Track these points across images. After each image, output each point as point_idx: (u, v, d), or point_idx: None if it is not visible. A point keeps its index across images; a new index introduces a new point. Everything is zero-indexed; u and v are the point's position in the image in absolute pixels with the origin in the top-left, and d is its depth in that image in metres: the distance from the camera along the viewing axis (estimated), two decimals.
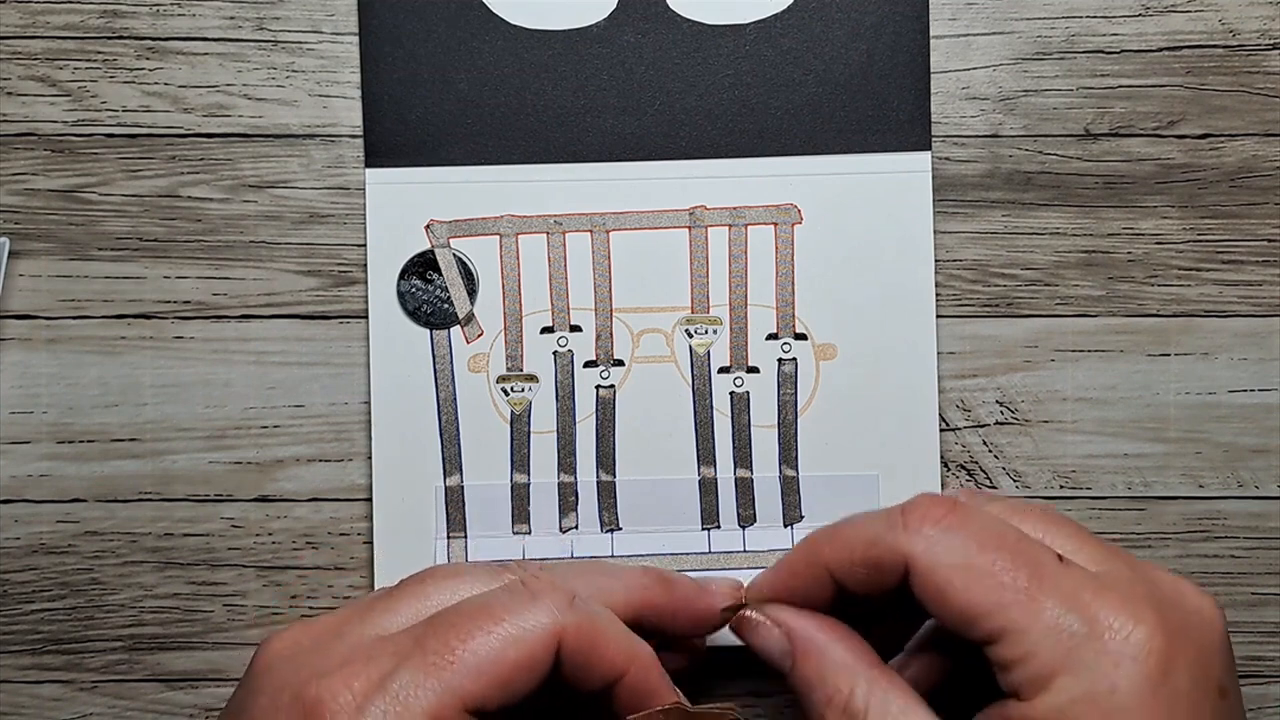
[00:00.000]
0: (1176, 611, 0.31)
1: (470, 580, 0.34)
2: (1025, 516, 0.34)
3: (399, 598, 0.34)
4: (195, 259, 0.42)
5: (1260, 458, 0.42)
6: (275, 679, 0.32)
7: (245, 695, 0.32)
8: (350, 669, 0.31)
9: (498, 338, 0.42)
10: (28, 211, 0.42)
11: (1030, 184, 0.42)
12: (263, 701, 0.32)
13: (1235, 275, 0.42)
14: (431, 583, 0.34)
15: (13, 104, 0.42)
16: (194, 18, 0.42)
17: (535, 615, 0.32)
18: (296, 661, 0.32)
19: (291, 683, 0.31)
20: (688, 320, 0.42)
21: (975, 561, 0.31)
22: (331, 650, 0.32)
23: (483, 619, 0.32)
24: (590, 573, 0.36)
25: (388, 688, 0.30)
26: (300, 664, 0.32)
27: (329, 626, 0.33)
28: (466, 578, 0.34)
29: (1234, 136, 0.42)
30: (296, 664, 0.32)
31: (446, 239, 0.42)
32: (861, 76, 0.42)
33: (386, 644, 0.32)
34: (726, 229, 0.42)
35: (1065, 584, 0.31)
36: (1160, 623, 0.30)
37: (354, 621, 0.33)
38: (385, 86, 0.42)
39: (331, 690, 0.31)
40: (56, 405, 0.42)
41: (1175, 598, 0.32)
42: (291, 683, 0.31)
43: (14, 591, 0.43)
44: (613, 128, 0.42)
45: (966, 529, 0.32)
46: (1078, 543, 0.33)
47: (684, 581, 0.37)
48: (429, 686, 0.31)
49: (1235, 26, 0.42)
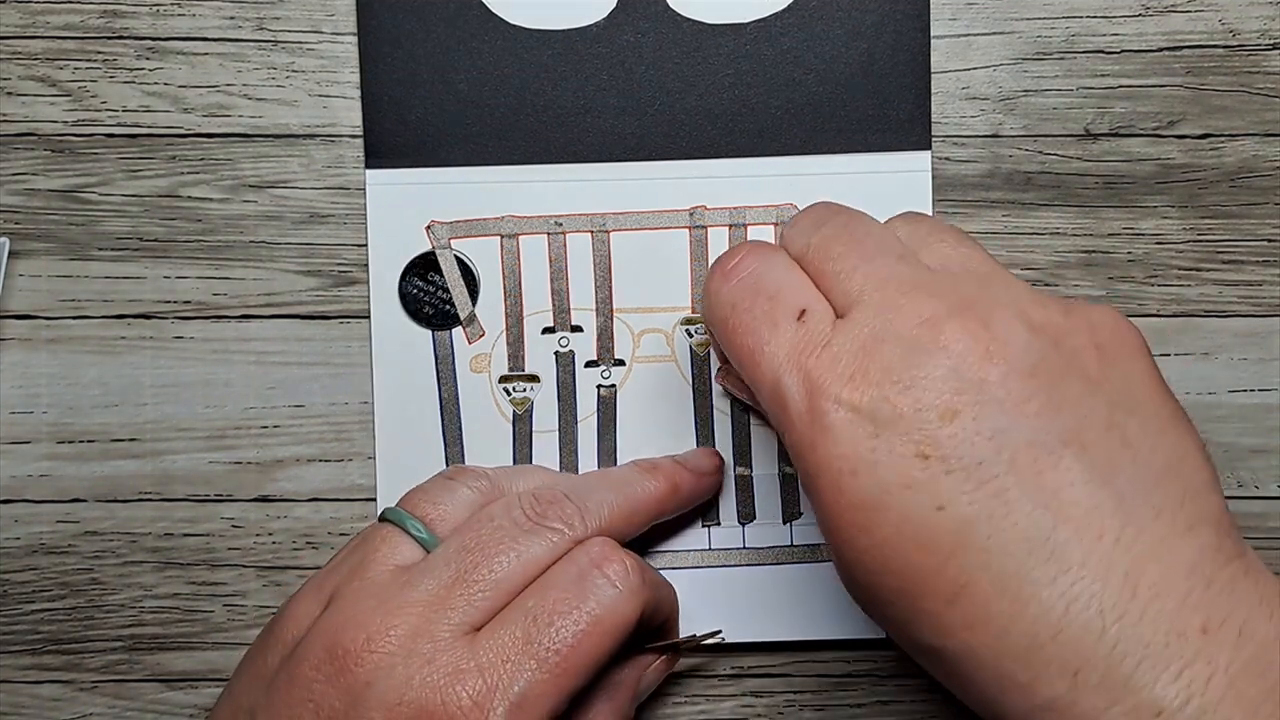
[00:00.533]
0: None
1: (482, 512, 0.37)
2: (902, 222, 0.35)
3: (444, 564, 0.35)
4: (195, 259, 0.42)
5: (1260, 458, 0.42)
6: (376, 686, 0.33)
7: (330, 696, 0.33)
8: (465, 681, 0.32)
9: (499, 338, 0.42)
10: (28, 211, 0.42)
11: (1030, 184, 0.42)
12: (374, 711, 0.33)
13: (1235, 275, 0.42)
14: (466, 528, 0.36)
15: (13, 104, 0.42)
16: (194, 18, 0.42)
17: (627, 610, 0.34)
18: (394, 667, 0.33)
19: (401, 692, 0.32)
20: (688, 320, 0.42)
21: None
22: (431, 656, 0.33)
23: (590, 625, 0.34)
24: (600, 489, 0.38)
25: (521, 701, 0.32)
26: (408, 670, 0.33)
27: (406, 619, 0.34)
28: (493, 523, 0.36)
29: (1234, 136, 0.42)
30: (396, 669, 0.33)
31: (447, 240, 0.42)
32: (861, 76, 0.42)
33: (489, 646, 0.33)
34: (727, 229, 0.42)
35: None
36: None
37: (429, 613, 0.34)
38: (385, 86, 0.42)
39: (456, 699, 0.32)
40: (56, 405, 0.42)
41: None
42: (401, 692, 0.32)
43: (14, 591, 0.43)
44: (613, 128, 0.42)
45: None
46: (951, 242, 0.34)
47: (678, 472, 0.39)
48: (549, 695, 0.33)
49: (1235, 26, 0.42)
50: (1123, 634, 0.27)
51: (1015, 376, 0.29)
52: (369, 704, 0.32)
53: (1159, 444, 0.29)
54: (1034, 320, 0.30)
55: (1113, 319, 0.31)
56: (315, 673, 0.33)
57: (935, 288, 0.31)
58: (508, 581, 0.34)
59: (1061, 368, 0.29)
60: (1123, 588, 0.27)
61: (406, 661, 0.32)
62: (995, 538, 0.28)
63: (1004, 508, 0.28)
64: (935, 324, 0.30)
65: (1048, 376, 0.29)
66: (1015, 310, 0.30)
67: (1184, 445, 0.29)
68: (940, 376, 0.29)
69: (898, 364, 0.29)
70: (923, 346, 0.29)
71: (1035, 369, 0.29)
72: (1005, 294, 0.31)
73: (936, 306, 0.30)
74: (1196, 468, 0.29)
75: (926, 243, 0.33)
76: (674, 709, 0.43)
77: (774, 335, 0.31)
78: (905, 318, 0.30)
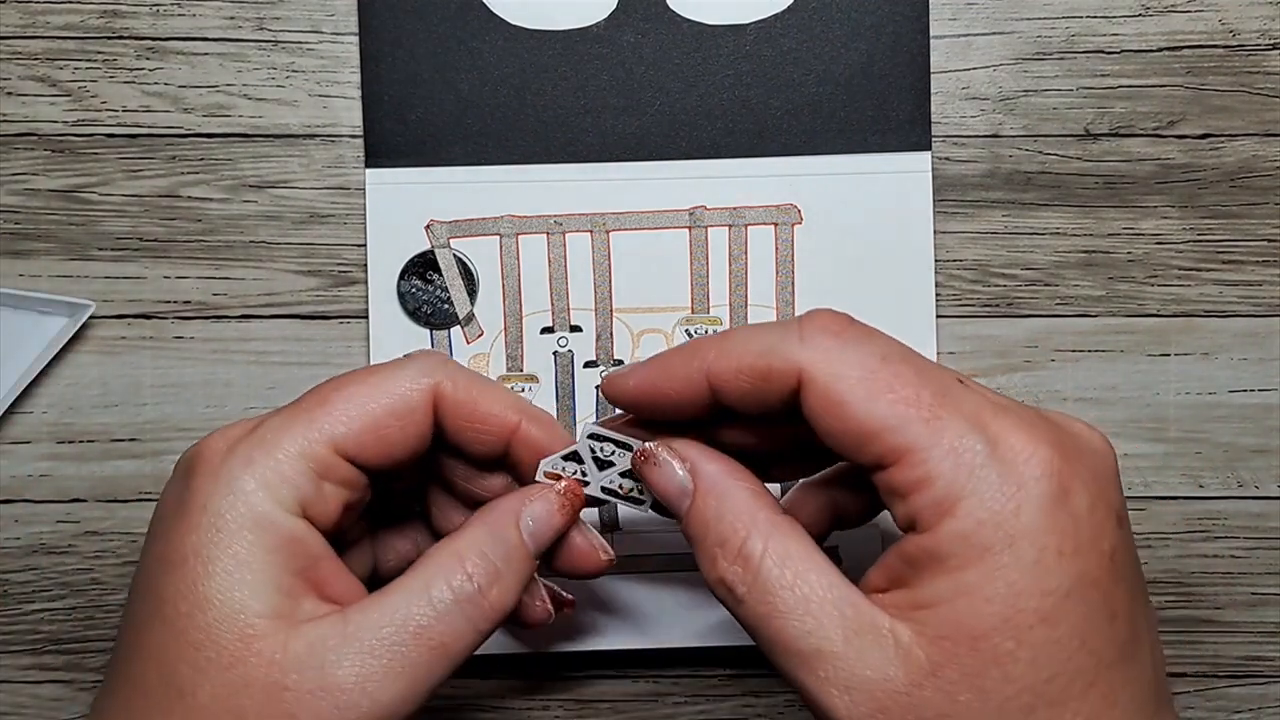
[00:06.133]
0: (1070, 438, 0.30)
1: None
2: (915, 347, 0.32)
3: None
4: (195, 259, 0.42)
5: (1260, 458, 0.42)
6: (180, 460, 0.33)
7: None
8: (230, 427, 0.32)
9: (498, 338, 0.42)
10: (28, 211, 0.42)
11: (1030, 184, 0.42)
12: (169, 481, 0.32)
13: (1235, 275, 0.42)
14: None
15: (13, 104, 0.42)
16: (194, 18, 0.42)
17: (410, 370, 0.33)
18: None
19: (187, 453, 0.32)
20: (688, 320, 0.42)
21: (879, 374, 0.29)
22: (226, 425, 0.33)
23: (358, 375, 0.32)
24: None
25: (256, 432, 0.31)
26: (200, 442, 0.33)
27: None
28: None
29: (1234, 136, 0.42)
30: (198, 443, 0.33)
31: (446, 239, 0.42)
32: (861, 76, 0.42)
33: (270, 411, 0.33)
34: (726, 229, 0.42)
35: (967, 404, 0.29)
36: (1058, 445, 0.29)
37: None
38: (385, 86, 0.42)
39: (208, 444, 0.31)
40: (56, 405, 0.42)
41: (1066, 425, 0.30)
42: (187, 453, 0.32)
43: (14, 591, 0.43)
44: (613, 128, 0.42)
45: (869, 343, 0.30)
46: (966, 376, 0.31)
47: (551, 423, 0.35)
48: (297, 427, 0.31)
49: (1235, 26, 0.42)
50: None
51: None
52: None
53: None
54: None
55: None
56: None
57: None
58: None
59: None
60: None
61: None
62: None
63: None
64: None
65: None
66: None
67: None
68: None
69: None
70: None
71: None
72: None
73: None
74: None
75: None
76: (674, 709, 0.43)
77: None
78: None
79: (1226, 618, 0.43)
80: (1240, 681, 0.43)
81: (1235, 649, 0.43)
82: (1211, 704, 0.43)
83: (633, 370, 0.33)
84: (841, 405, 0.29)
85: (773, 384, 0.30)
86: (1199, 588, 0.43)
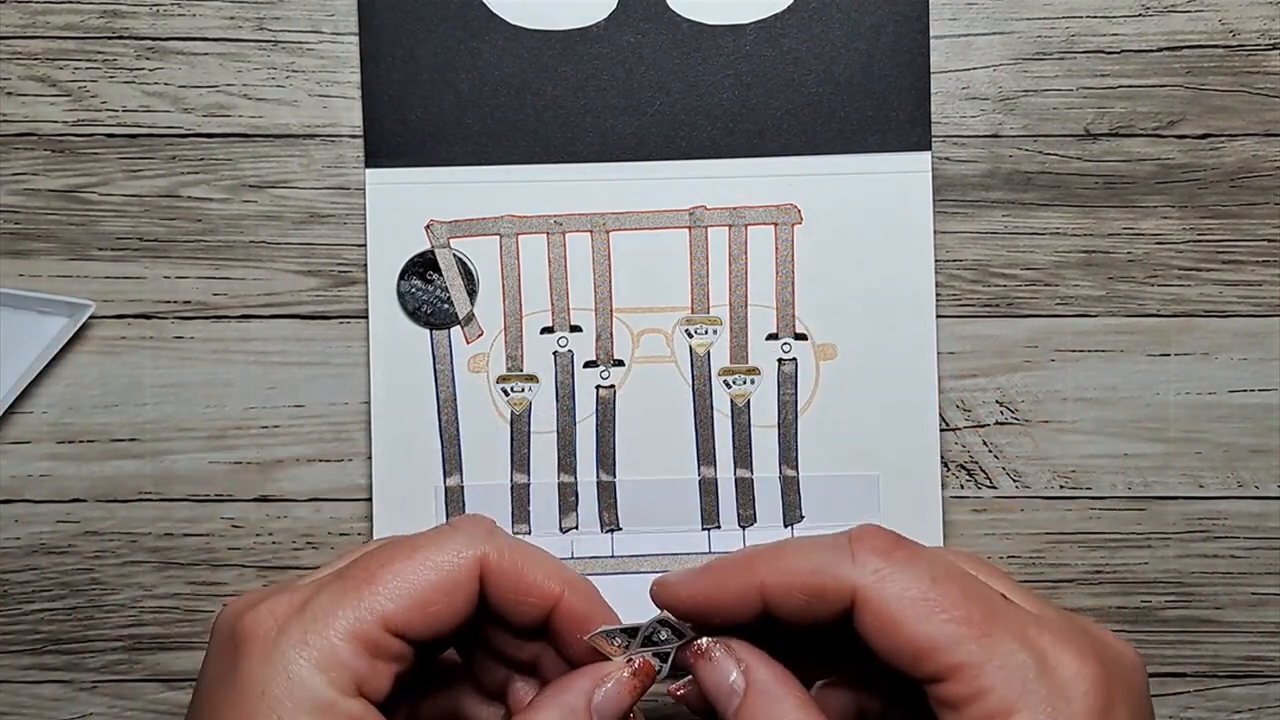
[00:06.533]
0: (1111, 653, 0.32)
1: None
2: (959, 558, 0.34)
3: (343, 557, 0.34)
4: (195, 259, 0.42)
5: (1260, 458, 0.42)
6: (219, 626, 0.33)
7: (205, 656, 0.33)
8: (275, 599, 0.32)
9: (498, 338, 0.42)
10: (28, 211, 0.42)
11: (1030, 184, 0.42)
12: (210, 650, 0.32)
13: (1235, 275, 0.42)
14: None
15: (13, 104, 0.42)
16: (194, 18, 0.42)
17: (454, 542, 0.33)
18: (239, 608, 0.33)
19: (229, 622, 0.32)
20: (688, 320, 0.42)
21: (930, 595, 0.31)
22: (267, 593, 0.33)
23: (403, 548, 0.32)
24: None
25: (306, 610, 0.31)
26: (240, 608, 0.32)
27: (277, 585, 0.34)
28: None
29: (1234, 136, 0.42)
30: (238, 610, 0.33)
31: (446, 239, 0.42)
32: (861, 76, 0.42)
33: (313, 580, 0.33)
34: (726, 229, 0.42)
35: (1014, 621, 0.31)
36: (1099, 660, 0.31)
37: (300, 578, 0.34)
38: (385, 86, 0.42)
39: (256, 618, 0.31)
40: (56, 405, 0.42)
41: (1103, 640, 0.32)
42: (229, 622, 0.32)
43: (14, 591, 0.43)
44: (613, 128, 0.42)
45: (918, 564, 0.32)
46: (1006, 585, 0.33)
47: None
48: (347, 606, 0.31)
49: (1235, 26, 0.42)
50: None
51: None
52: None
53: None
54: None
55: None
56: None
57: None
58: None
59: None
60: None
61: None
62: None
63: None
64: None
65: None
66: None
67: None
68: None
69: None
70: None
71: None
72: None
73: None
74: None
75: None
76: (674, 709, 0.43)
77: None
78: None
79: (1227, 618, 0.43)
80: (1240, 681, 0.43)
81: (1235, 649, 0.43)
82: (1211, 704, 0.43)
83: (685, 580, 0.34)
84: (897, 625, 0.31)
85: (827, 602, 0.32)
86: (1199, 588, 0.43)
